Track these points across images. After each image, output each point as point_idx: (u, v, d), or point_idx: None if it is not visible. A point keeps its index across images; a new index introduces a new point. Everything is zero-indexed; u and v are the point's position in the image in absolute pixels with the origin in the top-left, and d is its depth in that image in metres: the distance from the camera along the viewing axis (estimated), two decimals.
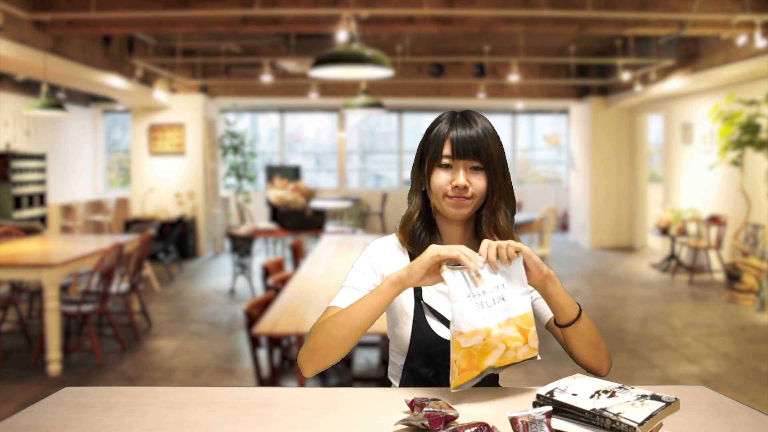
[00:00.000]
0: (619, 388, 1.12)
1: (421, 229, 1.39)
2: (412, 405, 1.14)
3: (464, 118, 1.35)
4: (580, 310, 1.31)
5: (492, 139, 1.34)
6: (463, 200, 1.33)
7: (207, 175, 10.06)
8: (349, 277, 1.40)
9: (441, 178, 1.34)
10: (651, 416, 1.01)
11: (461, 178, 1.32)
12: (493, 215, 1.36)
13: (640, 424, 0.99)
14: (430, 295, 1.38)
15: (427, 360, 1.37)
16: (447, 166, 1.34)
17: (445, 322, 1.36)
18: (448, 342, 1.32)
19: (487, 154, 1.33)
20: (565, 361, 4.82)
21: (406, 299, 1.38)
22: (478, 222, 1.39)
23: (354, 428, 1.11)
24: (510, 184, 1.38)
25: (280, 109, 12.63)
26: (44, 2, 5.79)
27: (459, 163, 1.32)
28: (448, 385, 1.33)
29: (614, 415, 1.02)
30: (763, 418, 1.16)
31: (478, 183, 1.33)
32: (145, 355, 5.03)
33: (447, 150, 1.33)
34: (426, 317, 1.36)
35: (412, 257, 1.39)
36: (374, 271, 1.39)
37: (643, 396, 1.08)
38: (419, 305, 1.37)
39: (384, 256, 1.41)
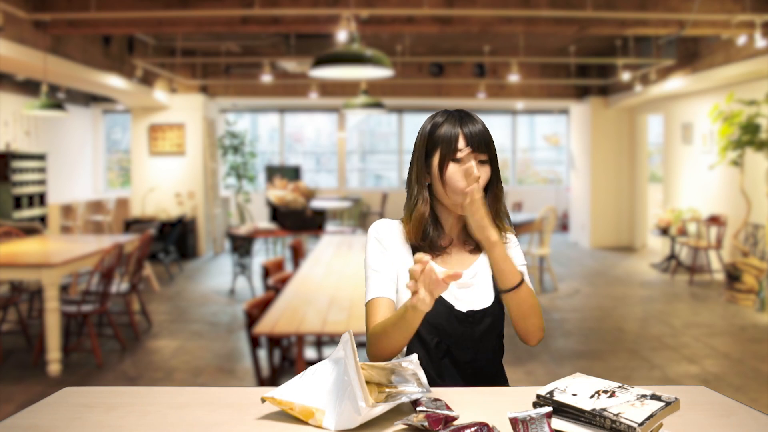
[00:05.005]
0: (619, 387, 1.12)
1: (429, 225, 1.47)
2: (413, 405, 1.14)
3: (467, 115, 1.44)
4: (521, 281, 1.39)
5: (490, 134, 1.46)
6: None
7: (207, 175, 10.06)
8: (369, 262, 1.46)
9: (458, 171, 1.40)
10: (651, 416, 1.01)
11: (476, 170, 1.38)
12: (498, 202, 1.47)
13: (640, 424, 0.99)
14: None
15: (438, 331, 1.42)
16: (460, 160, 1.41)
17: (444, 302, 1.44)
18: (457, 312, 1.41)
19: (493, 148, 1.45)
20: (565, 361, 4.82)
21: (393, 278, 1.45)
22: None
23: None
24: None
25: (280, 109, 12.62)
26: (44, 2, 5.79)
27: (470, 156, 1.39)
28: (453, 367, 1.41)
29: (614, 415, 1.01)
30: (763, 418, 1.16)
31: (485, 175, 1.43)
32: (145, 355, 5.03)
33: (462, 144, 1.41)
34: None
35: (416, 250, 1.46)
36: (384, 247, 1.46)
37: (643, 396, 1.08)
38: None
39: (388, 233, 1.48)
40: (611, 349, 5.18)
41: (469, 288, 1.46)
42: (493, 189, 1.46)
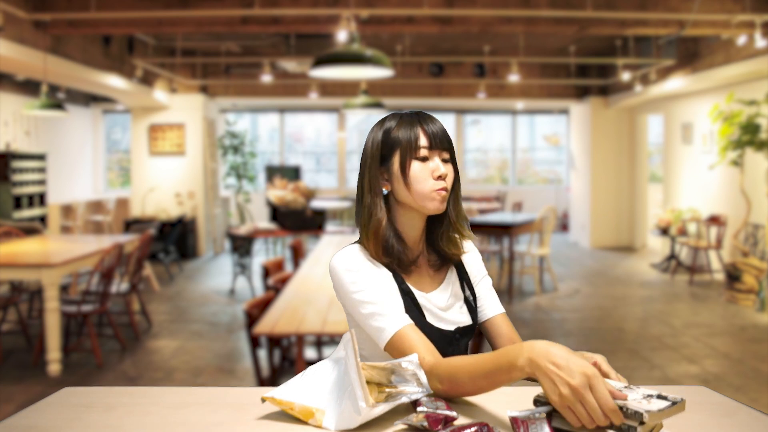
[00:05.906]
0: (625, 387, 1.11)
1: (391, 236, 1.34)
2: (413, 405, 1.14)
3: (425, 114, 1.35)
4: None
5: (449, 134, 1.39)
6: (445, 192, 1.32)
7: (207, 175, 10.05)
8: (359, 297, 1.28)
9: (423, 170, 1.31)
10: (659, 411, 1.00)
11: (442, 167, 1.31)
12: (458, 204, 1.39)
13: (648, 411, 0.98)
14: (422, 300, 1.36)
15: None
16: (424, 159, 1.32)
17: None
18: (446, 332, 1.35)
19: (452, 147, 1.36)
20: None
21: (397, 303, 1.32)
22: (432, 217, 1.38)
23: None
24: None
25: (280, 109, 12.62)
26: (44, 2, 5.79)
27: (434, 153, 1.32)
28: None
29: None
30: (763, 418, 1.15)
31: (450, 174, 1.34)
32: (145, 355, 5.03)
33: (424, 141, 1.31)
34: (421, 314, 1.35)
35: (390, 267, 1.35)
36: (364, 273, 1.31)
37: (650, 395, 1.07)
38: (407, 300, 1.33)
39: (356, 261, 1.33)
40: (611, 349, 5.17)
41: (451, 309, 1.39)
42: (456, 191, 1.37)
